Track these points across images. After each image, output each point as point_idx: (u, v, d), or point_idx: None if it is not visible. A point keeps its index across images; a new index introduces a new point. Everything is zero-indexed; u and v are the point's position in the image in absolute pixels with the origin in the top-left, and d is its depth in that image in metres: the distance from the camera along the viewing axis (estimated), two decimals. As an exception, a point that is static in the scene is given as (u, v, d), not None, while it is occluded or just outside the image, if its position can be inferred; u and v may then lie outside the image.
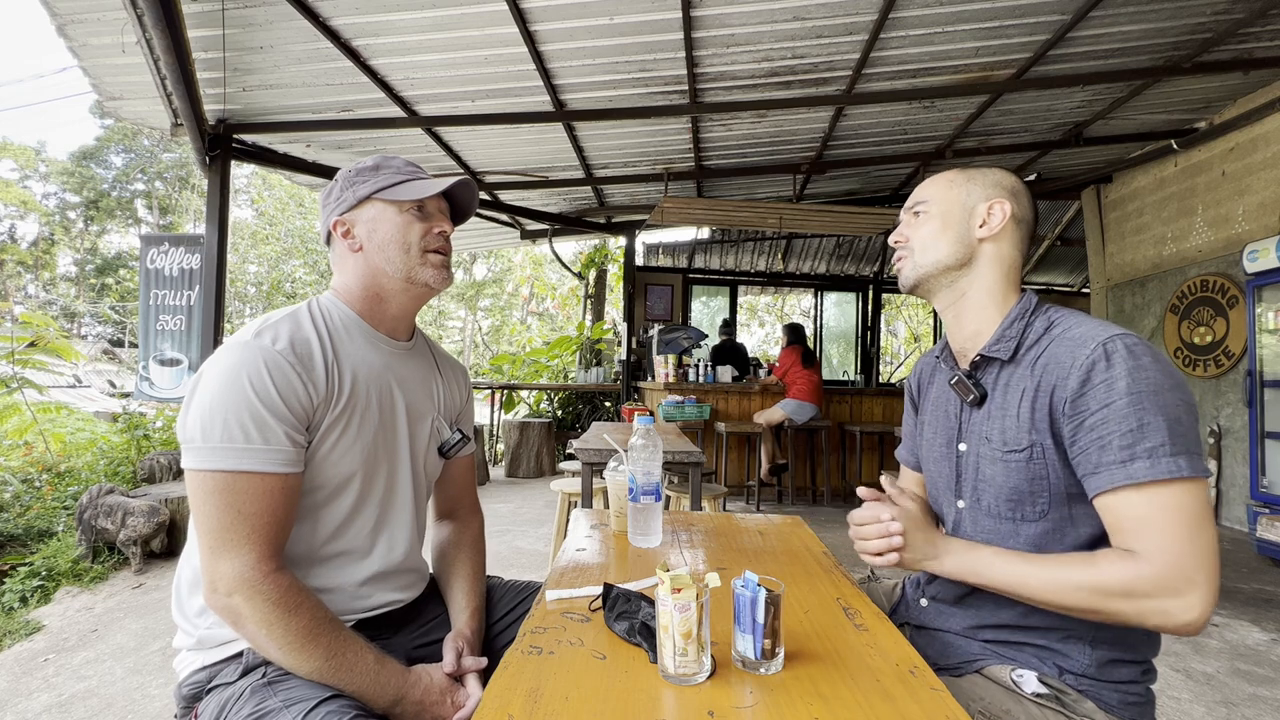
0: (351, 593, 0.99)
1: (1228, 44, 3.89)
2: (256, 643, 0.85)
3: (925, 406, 1.14)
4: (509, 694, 0.66)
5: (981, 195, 0.99)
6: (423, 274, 1.03)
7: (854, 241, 8.15)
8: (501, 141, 4.83)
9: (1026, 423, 0.89)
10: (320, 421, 0.93)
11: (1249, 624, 2.78)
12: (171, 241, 4.41)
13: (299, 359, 0.91)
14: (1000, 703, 0.87)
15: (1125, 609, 0.78)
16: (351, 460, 0.97)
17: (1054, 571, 0.83)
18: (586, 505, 2.58)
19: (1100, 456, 0.81)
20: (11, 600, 2.89)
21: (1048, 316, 0.94)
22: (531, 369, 8.61)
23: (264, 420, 0.86)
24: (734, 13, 3.26)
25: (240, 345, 0.89)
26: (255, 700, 0.83)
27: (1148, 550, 0.77)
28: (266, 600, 0.83)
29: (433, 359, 1.18)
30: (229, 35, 3.19)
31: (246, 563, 0.83)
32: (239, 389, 0.85)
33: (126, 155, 23.38)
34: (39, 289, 23.35)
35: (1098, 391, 0.81)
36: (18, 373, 4.81)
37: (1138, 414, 0.79)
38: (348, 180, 1.04)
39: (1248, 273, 4.25)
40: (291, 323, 0.95)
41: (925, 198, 1.02)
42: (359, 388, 0.98)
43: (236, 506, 0.84)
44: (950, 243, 0.98)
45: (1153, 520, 0.78)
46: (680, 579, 0.70)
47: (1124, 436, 0.79)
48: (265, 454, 0.85)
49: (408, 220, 1.02)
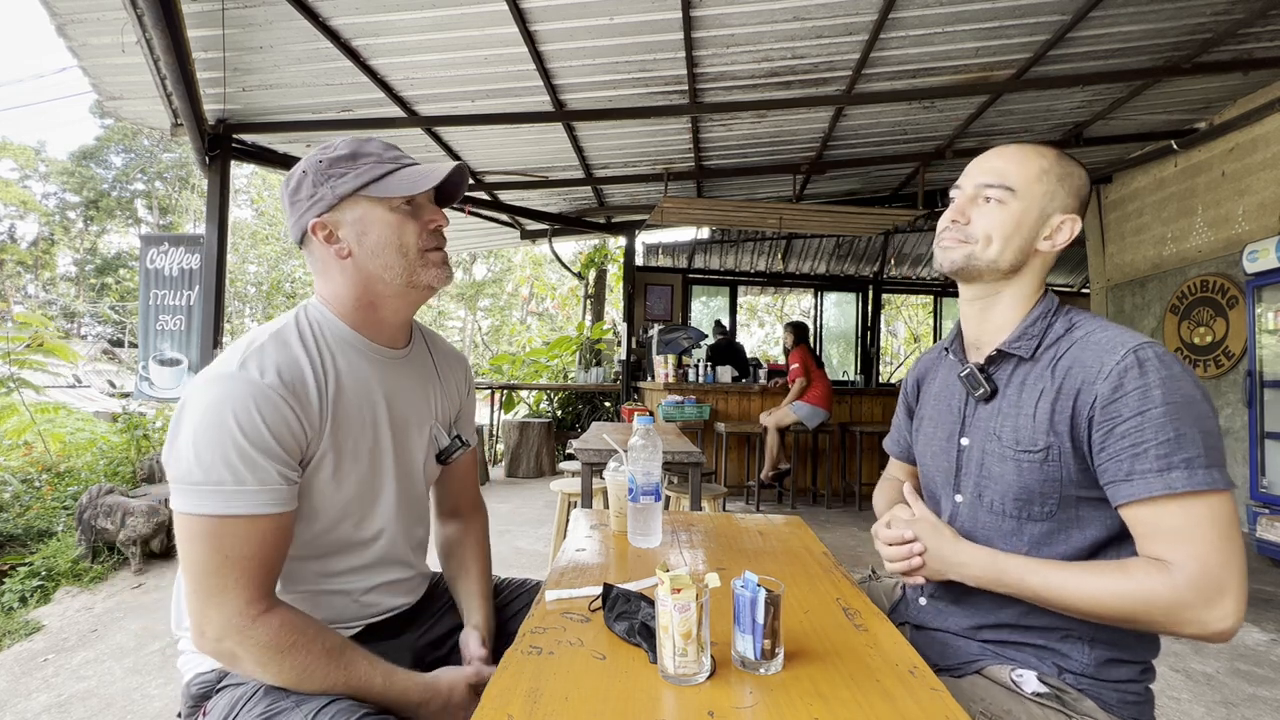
0: (356, 599, 0.98)
1: (1227, 44, 3.88)
2: (255, 679, 0.83)
3: (925, 400, 1.13)
4: (509, 694, 0.66)
5: (1063, 205, 0.93)
6: (424, 276, 0.95)
7: (854, 242, 8.15)
8: (502, 141, 4.83)
9: (1045, 424, 0.88)
10: (314, 453, 0.88)
11: (1249, 624, 2.78)
12: (171, 241, 4.41)
13: (290, 391, 0.84)
14: (1001, 702, 0.87)
15: (1161, 618, 0.78)
16: (347, 488, 0.93)
17: (1090, 581, 0.82)
18: (586, 505, 2.58)
19: (1134, 465, 0.80)
20: (11, 600, 2.89)
21: (1068, 318, 0.93)
22: (531, 369, 8.61)
23: (253, 460, 0.80)
24: (734, 13, 3.26)
25: (225, 378, 0.81)
26: (267, 700, 0.82)
27: (1182, 560, 0.77)
28: (257, 644, 0.79)
29: (431, 361, 1.11)
30: (229, 35, 3.19)
31: (234, 609, 0.79)
32: (224, 429, 0.79)
33: (126, 155, 23.37)
34: (39, 289, 23.35)
35: (1131, 399, 0.81)
36: (15, 373, 4.81)
37: (1174, 424, 0.78)
38: (320, 173, 0.91)
39: (1247, 273, 4.25)
40: (278, 347, 0.87)
41: (1008, 182, 0.92)
42: (352, 410, 0.93)
43: (224, 551, 0.79)
44: (1016, 249, 0.93)
45: (1188, 531, 0.78)
46: (680, 579, 0.70)
47: (1160, 446, 0.79)
48: (255, 495, 0.80)
49: (400, 219, 0.92)
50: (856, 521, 4.67)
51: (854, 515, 4.89)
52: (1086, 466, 0.86)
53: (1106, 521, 0.87)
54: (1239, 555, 0.78)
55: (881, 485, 1.27)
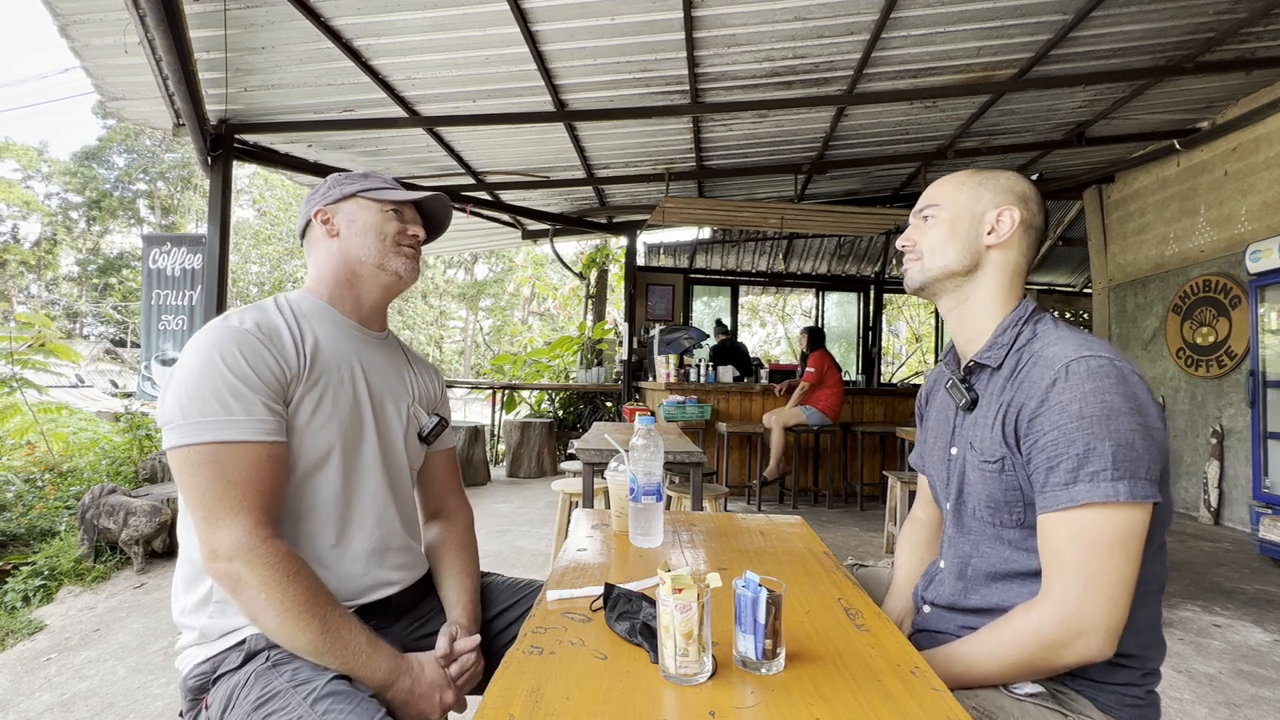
0: (349, 571, 1.00)
1: (1230, 44, 3.88)
2: (254, 609, 0.86)
3: (929, 413, 1.16)
4: (510, 694, 0.66)
5: (991, 201, 0.98)
6: (394, 262, 1.10)
7: (855, 241, 8.14)
8: (503, 141, 4.83)
9: (998, 435, 0.91)
10: (294, 395, 0.97)
11: (1251, 625, 2.78)
12: (174, 242, 4.42)
13: (266, 336, 0.95)
14: (994, 699, 0.87)
15: (1052, 659, 0.81)
16: (329, 434, 1.00)
17: (987, 642, 0.86)
18: (588, 505, 2.58)
19: (1048, 478, 0.83)
20: (14, 599, 2.90)
21: (1034, 327, 0.94)
22: (533, 369, 8.62)
23: (241, 392, 0.89)
24: (735, 13, 3.26)
25: (209, 329, 0.94)
26: (261, 683, 0.85)
27: (1049, 589, 0.81)
28: (266, 564, 0.85)
29: (404, 356, 1.22)
30: (231, 35, 3.19)
31: (244, 528, 0.85)
32: (212, 366, 0.89)
33: (128, 155, 23.40)
34: (41, 289, 23.39)
35: (1051, 413, 0.83)
36: (18, 373, 4.82)
37: (1085, 437, 0.80)
38: (336, 181, 1.13)
39: (1250, 273, 4.24)
40: (258, 310, 1.01)
41: (935, 201, 1.01)
42: (329, 364, 1.02)
43: (226, 475, 0.86)
44: (958, 250, 0.98)
45: (1060, 553, 0.81)
46: (681, 579, 0.70)
47: (1070, 459, 0.80)
48: (247, 424, 0.88)
49: (386, 217, 1.11)
50: (858, 521, 4.66)
51: (855, 515, 4.89)
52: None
53: None
54: (1114, 585, 0.78)
55: (905, 529, 1.24)
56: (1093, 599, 0.78)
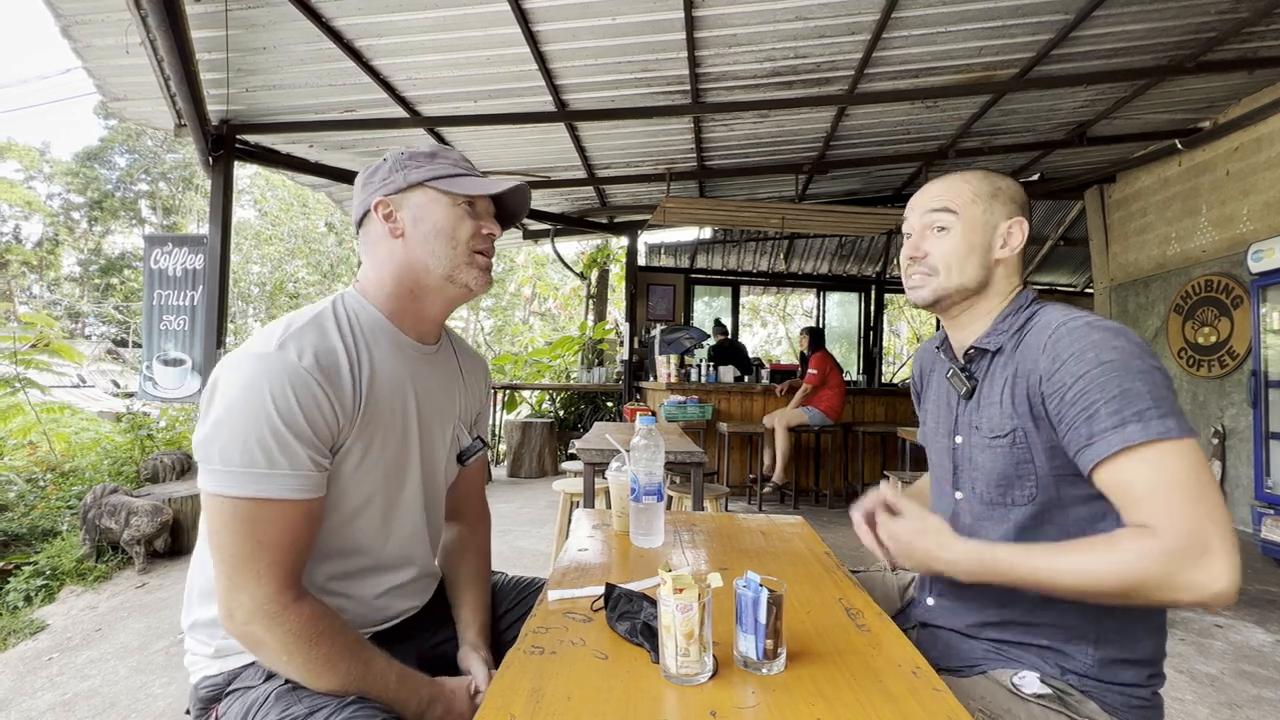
0: (369, 604, 0.97)
1: (1232, 43, 3.87)
2: (275, 667, 0.84)
3: (928, 395, 1.15)
4: (511, 694, 0.66)
5: (1004, 213, 0.98)
6: (466, 274, 0.96)
7: (856, 241, 8.14)
8: (504, 142, 4.83)
9: (1008, 408, 0.91)
10: (343, 441, 0.88)
11: (1253, 625, 2.77)
12: (175, 242, 4.42)
13: (325, 376, 0.84)
14: (1001, 701, 0.87)
15: (1155, 588, 0.74)
16: (373, 478, 0.93)
17: (1080, 559, 0.78)
18: (588, 505, 2.58)
19: (1091, 427, 0.80)
20: (16, 599, 2.90)
21: (1032, 310, 0.97)
22: (533, 369, 8.61)
23: (288, 443, 0.80)
24: (736, 13, 3.26)
25: (262, 357, 0.81)
26: (280, 706, 0.82)
27: (1162, 522, 0.74)
28: (286, 631, 0.80)
29: (456, 360, 1.12)
30: (232, 36, 3.20)
31: (266, 594, 0.79)
32: (261, 407, 0.79)
33: (130, 156, 23.43)
34: (43, 289, 23.42)
35: (1068, 366, 0.83)
36: (20, 373, 4.83)
37: (1117, 381, 0.79)
38: (398, 162, 0.96)
39: (1252, 273, 4.23)
40: (316, 332, 0.87)
41: (947, 207, 0.98)
42: (384, 401, 0.93)
43: (256, 536, 0.79)
44: (975, 266, 0.97)
45: (1160, 490, 0.75)
46: (682, 579, 0.70)
47: (1109, 404, 0.78)
48: (290, 480, 0.80)
49: (459, 215, 0.95)
50: (859, 522, 4.65)
51: (856, 515, 4.88)
52: (1053, 444, 0.87)
53: (1090, 500, 0.86)
54: (1218, 506, 0.74)
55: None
56: (1211, 518, 0.73)
